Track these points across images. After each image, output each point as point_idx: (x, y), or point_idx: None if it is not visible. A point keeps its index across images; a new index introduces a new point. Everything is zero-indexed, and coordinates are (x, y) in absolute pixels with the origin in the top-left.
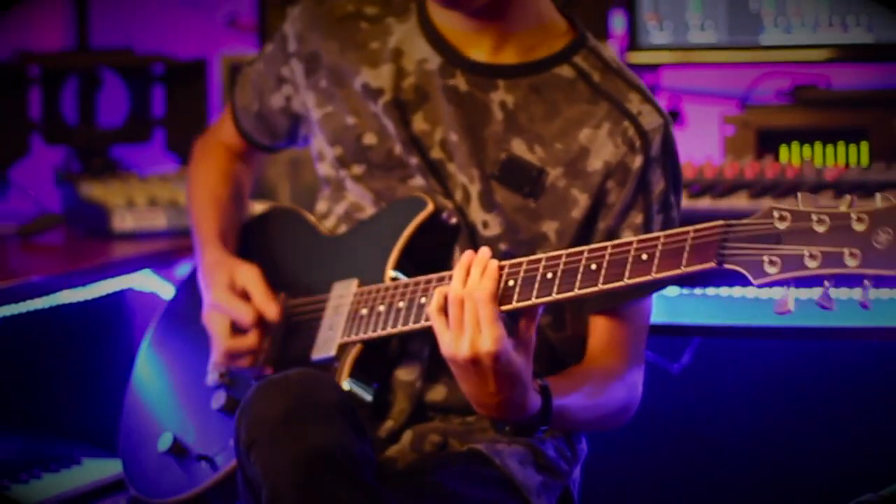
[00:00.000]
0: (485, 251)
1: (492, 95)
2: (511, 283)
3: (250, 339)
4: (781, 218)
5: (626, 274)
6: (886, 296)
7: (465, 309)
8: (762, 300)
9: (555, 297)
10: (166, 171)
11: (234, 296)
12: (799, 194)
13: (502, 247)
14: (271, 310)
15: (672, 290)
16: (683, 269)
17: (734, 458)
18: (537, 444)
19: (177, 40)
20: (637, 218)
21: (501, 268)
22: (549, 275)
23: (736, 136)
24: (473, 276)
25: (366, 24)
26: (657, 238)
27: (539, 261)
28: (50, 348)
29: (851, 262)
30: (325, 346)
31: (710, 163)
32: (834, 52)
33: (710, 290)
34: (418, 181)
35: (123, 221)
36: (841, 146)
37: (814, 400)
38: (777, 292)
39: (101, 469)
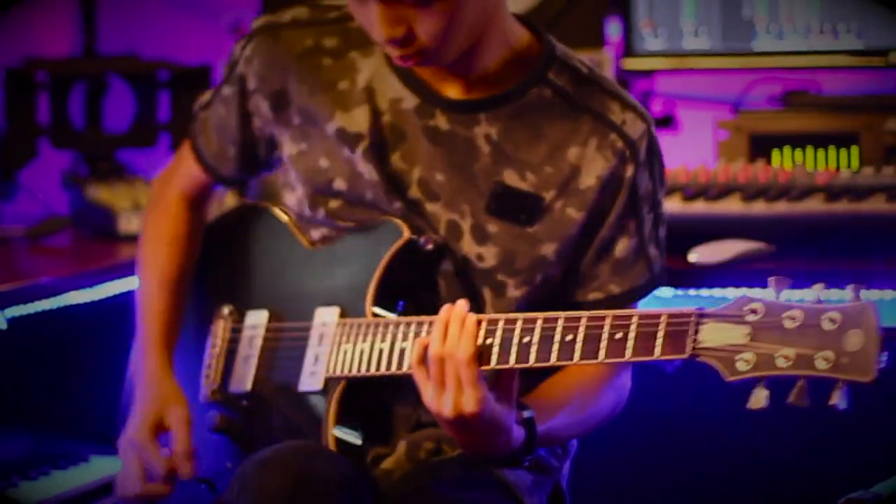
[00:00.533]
0: (462, 305)
1: (475, 130)
2: (489, 341)
3: (165, 489)
4: (753, 311)
5: (602, 354)
6: (877, 296)
7: (445, 369)
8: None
9: (532, 364)
10: None
11: (153, 442)
12: (770, 279)
13: (499, 277)
14: (185, 469)
15: (667, 292)
16: (656, 357)
17: (727, 455)
18: None
19: (182, 47)
20: (630, 223)
21: (479, 322)
22: (526, 339)
23: (729, 140)
24: (452, 334)
25: (328, 59)
26: (631, 317)
27: (515, 321)
28: (58, 348)
29: (822, 366)
30: (311, 378)
31: (703, 167)
32: (825, 59)
33: (705, 292)
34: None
35: (129, 224)
36: (832, 150)
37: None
38: None
39: (109, 466)
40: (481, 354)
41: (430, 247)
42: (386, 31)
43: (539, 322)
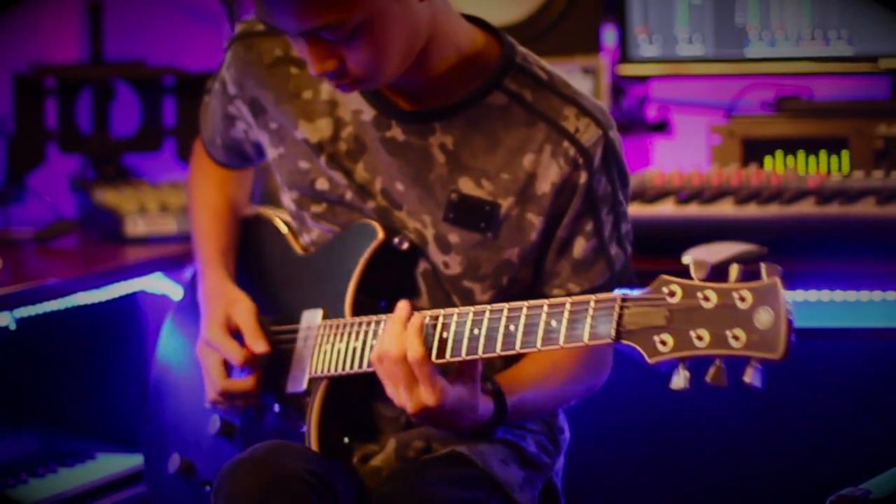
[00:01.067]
0: (402, 307)
1: (430, 140)
2: (445, 334)
3: (247, 382)
4: (671, 294)
5: (539, 342)
6: (866, 297)
7: (400, 368)
8: None
9: (481, 355)
10: (177, 178)
11: (227, 335)
12: (692, 261)
13: (465, 284)
14: (260, 347)
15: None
16: (586, 343)
17: (720, 454)
18: (519, 442)
19: (187, 53)
20: (588, 225)
21: (424, 320)
22: (476, 331)
23: (722, 144)
24: (401, 335)
25: (295, 68)
26: (563, 304)
27: (467, 314)
28: (66, 348)
29: (735, 344)
30: (296, 379)
31: (697, 170)
32: (816, 65)
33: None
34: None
35: (136, 227)
36: (822, 155)
37: (795, 396)
38: None
39: (115, 464)
40: (438, 349)
41: (405, 246)
42: (317, 67)
43: (486, 314)
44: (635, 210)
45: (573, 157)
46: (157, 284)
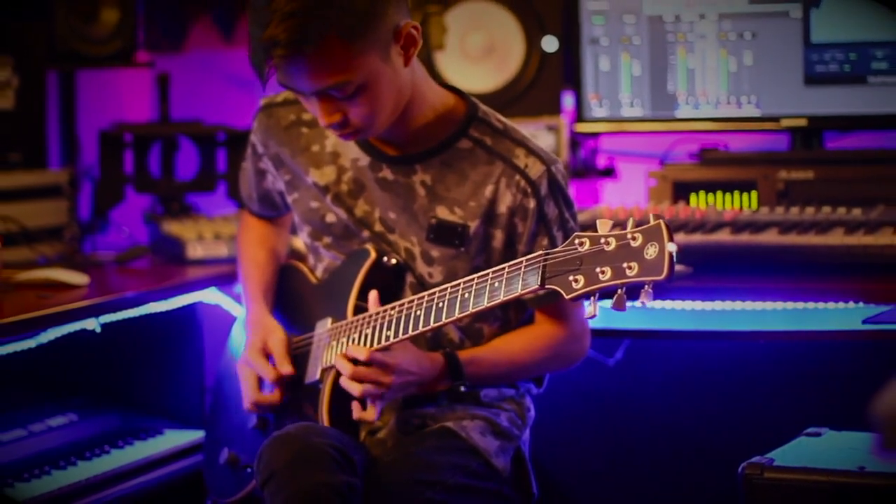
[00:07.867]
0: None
1: (413, 178)
2: (419, 312)
3: (274, 396)
4: (581, 244)
5: (485, 301)
6: (770, 307)
7: (363, 374)
8: (677, 311)
9: (444, 321)
10: (228, 213)
11: (262, 357)
12: (598, 221)
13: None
14: (286, 368)
15: (608, 302)
16: (520, 293)
17: (653, 430)
18: (494, 418)
19: (235, 114)
20: (543, 241)
21: (410, 302)
22: (441, 304)
23: (657, 186)
24: (340, 363)
25: (306, 129)
26: (503, 268)
27: (434, 293)
28: (140, 346)
29: (630, 273)
30: (312, 373)
31: (637, 206)
32: (731, 124)
33: (638, 303)
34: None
35: (195, 251)
36: (736, 194)
37: (716, 385)
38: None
39: (179, 438)
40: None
41: (392, 262)
42: (326, 119)
43: (448, 289)
44: None
45: (523, 186)
46: (212, 297)
